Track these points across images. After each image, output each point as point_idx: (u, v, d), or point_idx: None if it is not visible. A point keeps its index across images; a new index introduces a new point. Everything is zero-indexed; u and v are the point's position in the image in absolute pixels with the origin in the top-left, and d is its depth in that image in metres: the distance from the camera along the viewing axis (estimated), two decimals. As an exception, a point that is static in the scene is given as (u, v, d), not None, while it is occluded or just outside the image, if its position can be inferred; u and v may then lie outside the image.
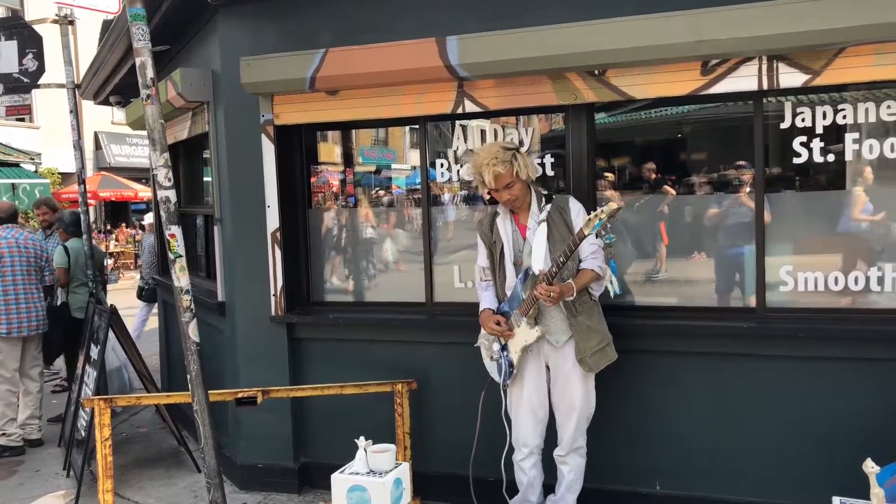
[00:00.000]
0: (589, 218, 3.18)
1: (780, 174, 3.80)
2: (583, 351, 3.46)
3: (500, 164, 3.36)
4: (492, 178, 3.37)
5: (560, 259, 3.29)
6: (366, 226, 4.76)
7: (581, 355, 3.46)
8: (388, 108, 4.18)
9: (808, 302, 3.72)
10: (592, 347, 3.48)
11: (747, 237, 3.80)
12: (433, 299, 4.37)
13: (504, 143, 3.52)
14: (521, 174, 3.41)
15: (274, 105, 4.40)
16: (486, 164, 3.36)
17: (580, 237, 3.24)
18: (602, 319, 3.59)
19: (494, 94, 3.97)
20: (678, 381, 3.88)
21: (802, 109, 3.62)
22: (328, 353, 4.55)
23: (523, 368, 3.55)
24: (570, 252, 3.28)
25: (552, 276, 3.30)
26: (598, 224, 3.14)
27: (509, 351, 3.55)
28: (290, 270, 4.58)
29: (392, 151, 5.41)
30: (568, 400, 3.52)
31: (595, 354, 3.48)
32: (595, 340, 3.50)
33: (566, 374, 3.51)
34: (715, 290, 3.99)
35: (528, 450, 3.65)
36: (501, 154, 3.39)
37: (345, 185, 5.07)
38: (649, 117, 4.19)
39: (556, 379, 3.56)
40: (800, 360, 3.66)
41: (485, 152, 3.42)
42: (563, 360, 3.51)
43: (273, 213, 4.48)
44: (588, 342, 3.47)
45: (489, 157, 3.37)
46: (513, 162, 3.39)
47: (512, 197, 3.45)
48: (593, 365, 3.49)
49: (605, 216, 3.13)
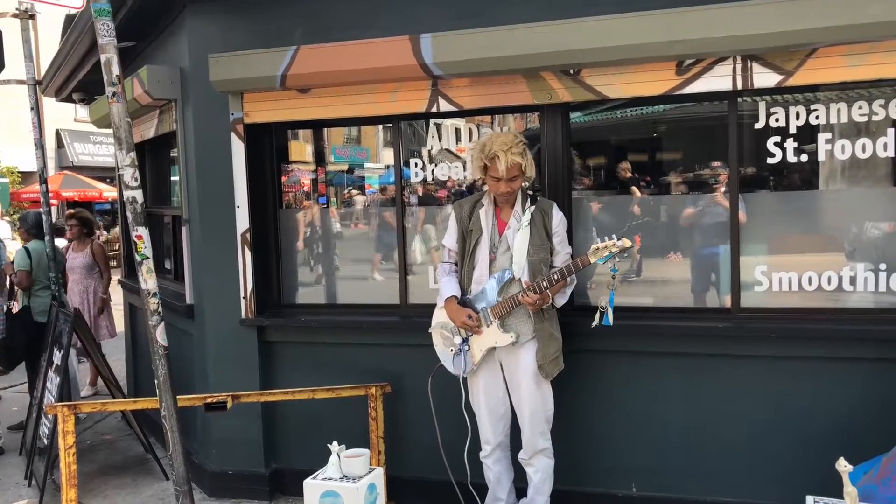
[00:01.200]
0: (598, 247, 3.23)
1: (754, 174, 3.86)
2: (543, 357, 3.50)
3: (518, 154, 3.39)
4: (506, 167, 3.36)
5: (555, 276, 3.34)
6: (338, 226, 4.76)
7: (542, 361, 3.50)
8: (361, 106, 4.19)
9: (782, 302, 3.79)
10: (551, 355, 3.53)
11: (722, 237, 3.87)
12: (407, 301, 4.40)
13: (517, 133, 3.53)
14: (527, 170, 3.45)
15: (244, 103, 4.39)
16: (503, 151, 3.36)
17: (583, 263, 3.31)
18: (559, 327, 3.65)
19: (469, 93, 4.00)
20: (653, 381, 3.93)
21: (776, 109, 3.69)
22: (300, 356, 4.55)
23: (479, 366, 3.59)
24: (567, 273, 3.34)
25: (541, 289, 3.35)
26: (608, 256, 3.20)
27: (472, 347, 3.57)
28: (261, 272, 4.57)
29: (365, 150, 5.41)
30: (524, 403, 3.55)
31: (552, 362, 3.54)
32: (554, 348, 3.55)
33: (520, 377, 3.55)
34: (690, 290, 4.05)
35: (491, 447, 3.69)
36: (519, 144, 3.42)
37: (316, 184, 5.07)
38: (625, 117, 4.23)
39: (511, 381, 3.60)
40: (775, 360, 3.73)
41: (503, 137, 3.42)
42: (517, 361, 3.54)
43: (243, 214, 4.47)
44: (549, 349, 3.52)
45: (509, 143, 3.38)
46: (525, 154, 3.43)
47: (511, 191, 3.47)
48: (550, 372, 3.53)
49: (616, 250, 3.20)
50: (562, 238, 3.59)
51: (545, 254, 3.53)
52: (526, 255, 3.46)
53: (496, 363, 3.61)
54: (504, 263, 3.52)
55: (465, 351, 3.59)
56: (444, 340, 3.67)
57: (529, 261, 3.47)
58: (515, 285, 3.48)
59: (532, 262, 3.48)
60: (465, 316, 3.51)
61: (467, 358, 3.58)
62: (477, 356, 3.56)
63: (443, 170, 4.34)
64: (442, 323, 3.68)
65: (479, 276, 3.56)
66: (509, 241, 3.52)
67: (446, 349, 3.66)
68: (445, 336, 3.66)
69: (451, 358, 3.64)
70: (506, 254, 3.52)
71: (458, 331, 3.58)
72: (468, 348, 3.58)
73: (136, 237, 3.16)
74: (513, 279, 3.47)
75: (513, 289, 3.49)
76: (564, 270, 3.34)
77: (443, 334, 3.68)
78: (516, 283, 3.48)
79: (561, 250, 3.59)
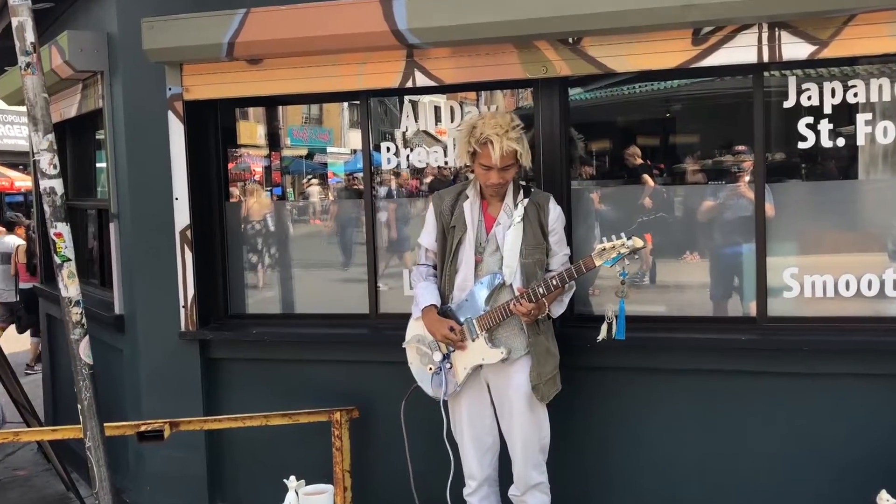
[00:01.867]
0: (604, 247, 3.22)
1: (783, 161, 3.89)
2: (538, 376, 3.48)
3: (514, 139, 3.35)
4: (501, 154, 3.32)
5: (553, 282, 3.31)
6: (296, 221, 4.74)
7: (536, 381, 3.47)
8: (322, 80, 4.16)
9: (816, 310, 3.80)
10: (547, 374, 3.50)
11: (746, 234, 3.88)
12: (378, 310, 4.37)
13: (512, 115, 3.50)
14: (522, 158, 3.42)
15: (183, 76, 4.34)
16: (497, 135, 3.31)
17: (587, 267, 3.28)
18: (556, 341, 3.63)
19: (451, 66, 3.98)
20: (666, 403, 3.94)
21: (808, 86, 3.70)
22: (251, 375, 4.52)
23: (463, 387, 3.57)
24: (567, 278, 3.32)
25: (538, 296, 3.33)
26: (616, 258, 3.18)
27: (454, 365, 3.55)
28: (204, 276, 4.53)
29: (327, 131, 5.40)
30: (516, 430, 3.53)
31: (548, 382, 3.51)
32: (551, 365, 3.53)
33: (510, 400, 3.52)
34: (709, 296, 4.06)
35: (477, 482, 3.66)
36: (516, 127, 3.38)
37: (270, 172, 5.04)
38: (632, 94, 4.25)
39: (501, 404, 3.58)
40: (807, 377, 3.74)
41: (497, 118, 3.38)
42: (508, 382, 3.52)
43: (182, 207, 4.43)
44: (545, 366, 3.50)
45: (504, 126, 3.33)
46: (521, 141, 3.40)
47: (504, 182, 3.44)
48: (546, 394, 3.51)
49: (626, 251, 3.17)
50: (560, 237, 3.57)
51: (540, 255, 3.51)
52: (518, 257, 3.44)
53: (483, 384, 3.58)
54: (492, 266, 3.49)
55: (446, 370, 3.54)
56: (422, 357, 3.63)
57: (522, 263, 3.44)
58: (506, 292, 3.46)
59: (525, 265, 3.45)
60: (446, 328, 3.48)
61: (449, 378, 3.54)
62: (460, 376, 3.53)
63: (420, 155, 4.32)
64: (418, 336, 3.64)
65: (463, 280, 3.53)
66: (498, 239, 3.50)
67: (423, 368, 3.63)
68: (423, 352, 3.62)
69: (430, 378, 3.60)
70: (494, 255, 3.50)
71: (438, 346, 3.55)
72: (450, 366, 3.54)
73: (54, 235, 3.10)
74: (503, 285, 3.45)
75: (503, 296, 3.46)
76: (565, 275, 3.31)
77: (420, 350, 3.64)
78: (507, 289, 3.45)
79: (558, 251, 3.57)
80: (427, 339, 3.58)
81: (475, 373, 3.54)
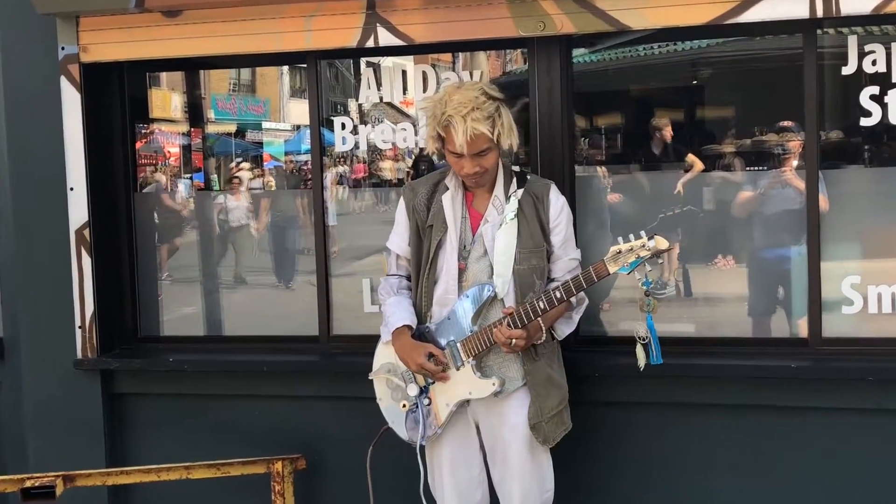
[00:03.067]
0: (620, 249, 3.19)
1: (841, 141, 3.92)
2: (540, 413, 3.46)
3: (481, 119, 3.29)
4: (465, 139, 3.27)
5: (556, 295, 3.28)
6: (225, 217, 4.73)
7: (537, 419, 3.45)
8: (257, 38, 4.14)
9: (883, 329, 3.82)
10: (551, 409, 3.49)
11: (795, 233, 3.90)
12: (330, 331, 4.36)
13: (487, 85, 3.46)
14: (502, 139, 3.39)
15: (80, 32, 4.31)
16: (460, 115, 3.26)
17: (599, 274, 3.25)
18: (563, 368, 3.62)
19: (422, 20, 3.96)
20: (697, 444, 3.95)
21: (873, 48, 3.71)
22: (168, 415, 4.49)
23: (445, 429, 3.55)
24: (574, 289, 3.29)
25: (528, 318, 3.30)
26: (635, 263, 3.17)
27: (435, 400, 3.53)
28: (107, 288, 4.51)
29: (261, 102, 5.37)
30: (512, 481, 3.52)
31: (552, 420, 3.50)
32: (555, 399, 3.52)
33: (505, 443, 3.51)
34: (748, 312, 4.08)
35: None
36: (485, 105, 3.33)
37: (190, 153, 5.02)
38: (650, 56, 4.25)
39: (493, 449, 3.57)
40: (872, 413, 3.76)
41: (461, 93, 3.33)
42: (502, 421, 3.50)
43: (79, 200, 4.39)
44: (547, 400, 3.48)
45: (468, 104, 3.28)
46: (496, 119, 3.37)
47: (481, 170, 3.40)
48: (550, 435, 3.49)
49: (647, 254, 3.16)
50: (565, 236, 3.55)
51: (539, 260, 3.49)
52: (513, 263, 3.43)
53: (470, 424, 3.57)
54: (480, 275, 3.47)
55: (423, 407, 3.53)
56: (393, 391, 3.61)
57: (517, 271, 3.43)
58: (498, 307, 3.43)
59: (521, 273, 3.44)
60: (422, 356, 3.45)
61: (428, 417, 3.55)
62: (442, 414, 3.50)
63: (383, 133, 4.32)
64: (389, 365, 3.61)
65: (444, 294, 3.51)
66: (486, 241, 3.49)
67: (396, 404, 3.60)
68: (395, 385, 3.59)
69: (404, 417, 3.59)
70: (482, 260, 3.48)
71: (414, 377, 3.55)
72: (428, 403, 3.52)
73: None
74: (495, 298, 3.45)
75: (494, 312, 3.43)
76: (571, 285, 3.28)
77: (390, 382, 3.61)
78: (499, 303, 3.44)
79: (562, 255, 3.55)
80: (400, 368, 3.56)
81: (461, 410, 3.55)
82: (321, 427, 4.30)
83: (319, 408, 4.30)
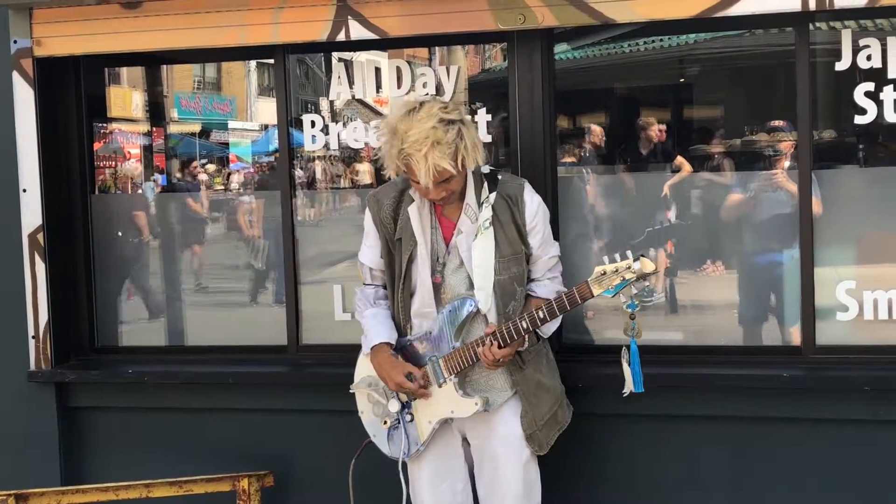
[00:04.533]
0: (604, 270, 3.17)
1: (834, 140, 3.94)
2: (532, 422, 3.46)
3: (444, 155, 3.22)
4: (430, 178, 3.23)
5: (539, 314, 3.26)
6: (188, 222, 4.73)
7: (531, 429, 3.45)
8: (222, 31, 4.11)
9: (880, 337, 3.81)
10: (545, 414, 3.49)
11: (787, 237, 3.90)
12: (300, 341, 4.34)
13: (443, 109, 3.35)
14: (467, 162, 3.32)
15: (34, 25, 4.27)
16: (422, 154, 3.20)
17: (583, 296, 3.24)
18: (554, 368, 3.61)
19: (397, 12, 3.93)
20: (686, 458, 3.93)
21: (868, 42, 3.70)
22: (128, 429, 4.45)
23: (428, 445, 3.53)
24: (558, 311, 3.27)
25: (511, 338, 3.27)
26: (620, 286, 3.16)
27: (417, 417, 3.51)
28: (63, 296, 4.46)
29: (228, 101, 5.35)
30: (501, 494, 3.51)
31: (548, 423, 3.50)
32: (548, 403, 3.52)
33: (496, 456, 3.50)
34: (738, 320, 4.08)
35: None
36: (444, 136, 3.23)
37: (151, 154, 5.00)
38: (636, 52, 4.25)
39: (482, 461, 3.56)
40: (869, 425, 3.74)
41: (416, 131, 3.23)
42: (491, 432, 3.49)
43: (32, 202, 4.35)
44: (539, 407, 3.48)
45: (427, 142, 3.19)
46: (458, 145, 3.29)
47: (447, 194, 3.36)
48: (545, 440, 3.50)
49: (632, 277, 3.14)
50: (543, 236, 3.52)
51: (518, 267, 3.46)
52: (493, 275, 3.39)
53: (455, 437, 3.55)
54: (458, 287, 3.45)
55: (406, 423, 3.51)
56: (375, 406, 3.60)
57: (498, 281, 3.39)
58: (481, 320, 3.42)
59: (502, 283, 3.41)
60: (400, 374, 3.42)
61: (410, 434, 3.51)
62: (424, 432, 3.48)
63: (355, 132, 4.29)
64: (370, 379, 3.59)
65: (421, 307, 3.49)
66: (462, 252, 3.44)
67: (377, 419, 3.59)
68: (375, 400, 3.58)
69: (386, 433, 3.56)
70: (459, 272, 3.44)
71: (396, 394, 3.49)
72: (411, 419, 3.51)
73: None
74: (477, 312, 3.39)
75: (477, 326, 3.42)
76: (555, 307, 3.26)
77: (371, 397, 3.60)
78: (483, 316, 3.41)
79: (542, 254, 3.52)
80: (381, 383, 3.54)
81: (445, 425, 3.51)
82: (290, 442, 4.27)
83: (288, 421, 4.26)
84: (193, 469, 4.20)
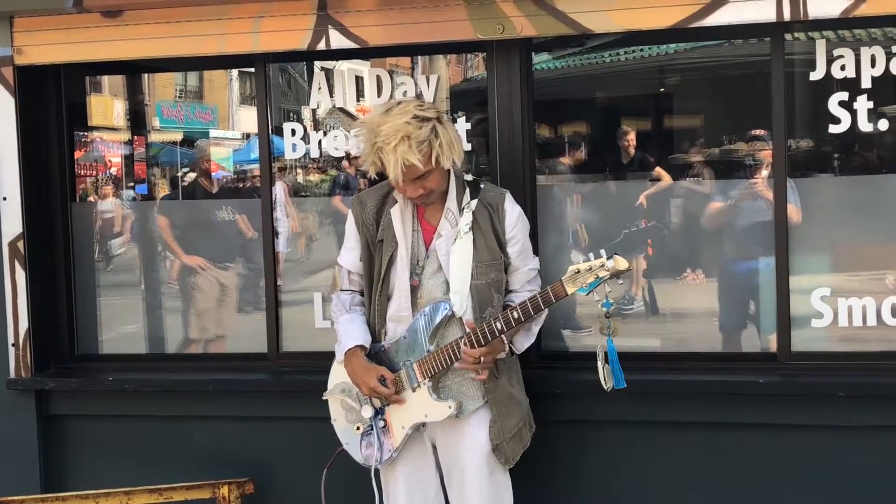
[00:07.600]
0: (578, 269, 3.21)
1: (811, 149, 3.97)
2: (500, 432, 3.49)
3: (414, 150, 3.27)
4: (400, 171, 3.29)
5: (514, 315, 3.30)
6: (168, 229, 4.71)
7: (499, 439, 3.48)
8: (203, 39, 4.14)
9: (854, 344, 3.87)
10: (512, 427, 3.52)
11: (764, 245, 3.94)
12: (280, 348, 4.36)
13: (418, 107, 3.42)
14: (442, 160, 3.39)
15: (14, 33, 4.29)
16: (391, 147, 3.26)
17: (557, 295, 3.27)
18: (523, 385, 3.65)
19: (377, 22, 3.98)
20: (663, 464, 3.96)
21: (842, 52, 3.77)
22: (108, 437, 4.46)
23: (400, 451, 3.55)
24: (532, 311, 3.30)
25: (485, 339, 3.31)
26: (594, 284, 3.19)
27: (390, 423, 3.54)
28: (43, 304, 4.48)
29: (209, 109, 5.34)
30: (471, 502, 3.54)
31: (513, 439, 3.53)
32: (517, 417, 3.55)
33: (463, 465, 3.52)
34: (718, 327, 4.12)
35: None
36: (417, 131, 3.30)
37: (132, 162, 5.01)
38: (616, 62, 4.29)
39: (450, 470, 3.59)
40: (844, 430, 3.79)
41: (389, 126, 3.31)
42: (459, 441, 3.52)
43: (13, 210, 4.37)
44: (508, 419, 3.51)
45: (397, 136, 3.27)
46: (432, 142, 3.37)
47: (425, 192, 3.41)
48: (510, 455, 3.52)
49: (606, 275, 3.18)
50: (522, 247, 3.57)
51: (497, 273, 3.51)
52: (470, 279, 3.45)
53: (426, 445, 3.58)
54: (434, 291, 3.49)
55: (379, 429, 3.54)
56: (348, 413, 3.62)
57: (475, 286, 3.44)
58: (456, 325, 3.46)
59: (479, 288, 3.45)
60: (373, 378, 3.46)
61: (383, 440, 3.55)
62: (397, 437, 3.52)
63: (336, 140, 4.33)
64: (343, 385, 3.61)
65: (397, 311, 3.52)
66: (441, 256, 3.49)
67: (350, 426, 3.62)
68: (349, 406, 3.62)
69: (359, 439, 3.60)
70: (436, 276, 3.49)
71: (369, 399, 3.55)
72: (383, 425, 3.55)
73: None
74: (452, 316, 3.45)
75: (452, 331, 3.45)
76: (529, 306, 3.30)
77: (345, 403, 3.63)
78: (457, 321, 3.45)
79: (521, 265, 3.57)
80: (354, 389, 3.57)
81: (418, 432, 3.55)
82: (270, 449, 4.29)
83: (268, 429, 4.29)
84: (174, 476, 4.21)
